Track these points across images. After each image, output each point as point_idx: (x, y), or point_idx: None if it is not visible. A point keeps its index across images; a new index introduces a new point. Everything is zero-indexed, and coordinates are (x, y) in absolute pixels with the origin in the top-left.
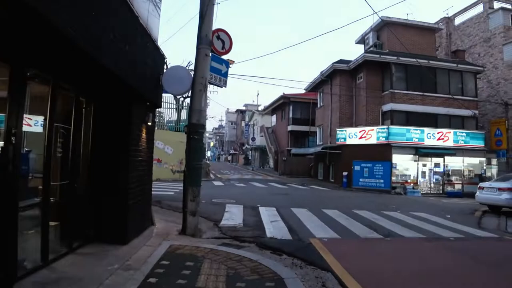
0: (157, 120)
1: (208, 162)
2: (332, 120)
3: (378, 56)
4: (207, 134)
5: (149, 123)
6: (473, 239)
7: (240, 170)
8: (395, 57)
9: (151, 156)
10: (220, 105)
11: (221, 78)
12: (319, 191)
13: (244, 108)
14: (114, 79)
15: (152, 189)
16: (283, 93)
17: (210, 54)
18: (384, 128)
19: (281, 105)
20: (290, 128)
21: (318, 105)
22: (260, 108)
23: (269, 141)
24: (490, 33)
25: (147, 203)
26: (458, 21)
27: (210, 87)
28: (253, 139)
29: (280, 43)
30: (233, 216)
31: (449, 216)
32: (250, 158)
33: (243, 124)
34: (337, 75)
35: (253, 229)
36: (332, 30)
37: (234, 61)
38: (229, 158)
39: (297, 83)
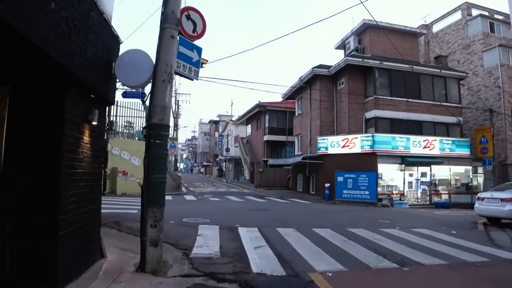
0: (126, 131)
1: (179, 174)
2: (312, 129)
3: (361, 60)
4: (179, 146)
5: (94, 123)
6: (502, 263)
7: (214, 182)
8: (378, 62)
9: (100, 167)
10: (193, 114)
11: (191, 68)
12: (302, 205)
13: (217, 118)
14: (30, 48)
15: (115, 205)
16: (259, 101)
17: (178, 37)
18: (368, 136)
19: (257, 114)
20: (266, 138)
21: (296, 113)
22: (234, 118)
23: (244, 152)
24: (469, 40)
25: (94, 229)
26: (436, 28)
27: (182, 96)
28: (227, 150)
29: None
30: (208, 241)
31: (454, 232)
32: (224, 170)
33: (216, 135)
34: (317, 81)
35: (234, 260)
36: (308, 25)
37: (207, 60)
38: (202, 170)
39: (274, 93)
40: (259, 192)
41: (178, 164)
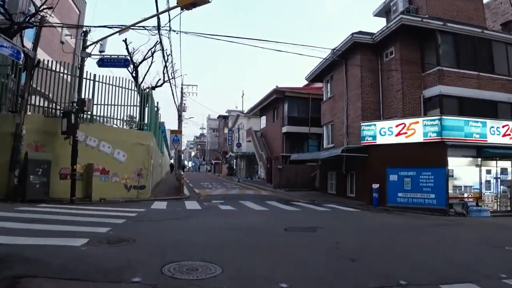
0: (107, 114)
1: (182, 172)
2: (349, 114)
3: (419, 20)
4: (187, 142)
5: None
6: None
7: (224, 182)
8: (441, 23)
9: None
10: (202, 105)
11: None
12: (353, 216)
13: (226, 114)
14: None
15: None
16: (277, 86)
17: None
18: (434, 120)
19: (273, 102)
20: (285, 129)
21: (325, 98)
22: (246, 112)
23: (258, 147)
24: None
25: None
26: None
27: (188, 88)
28: (239, 145)
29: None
30: None
31: None
32: (235, 167)
33: (226, 130)
34: (357, 52)
35: None
36: None
37: None
38: (209, 168)
39: (291, 80)
40: (280, 194)
41: (185, 162)
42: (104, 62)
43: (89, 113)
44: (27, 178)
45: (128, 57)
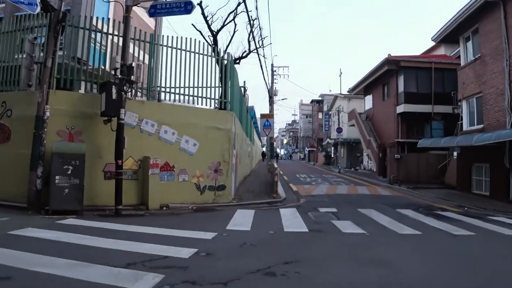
0: (173, 89)
1: (275, 164)
2: None
3: None
4: (276, 128)
5: None
6: None
7: (323, 173)
8: None
9: None
10: (296, 86)
11: None
12: None
13: (320, 98)
14: None
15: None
16: (389, 54)
17: None
18: None
19: (383, 76)
20: (401, 109)
21: (463, 61)
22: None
23: (365, 132)
24: None
25: None
26: None
27: (279, 70)
28: (339, 130)
29: None
30: None
31: None
32: (332, 156)
33: (320, 116)
34: None
35: None
36: None
37: None
38: (302, 156)
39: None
40: (403, 193)
41: (277, 150)
42: (157, 10)
43: (140, 85)
44: (51, 180)
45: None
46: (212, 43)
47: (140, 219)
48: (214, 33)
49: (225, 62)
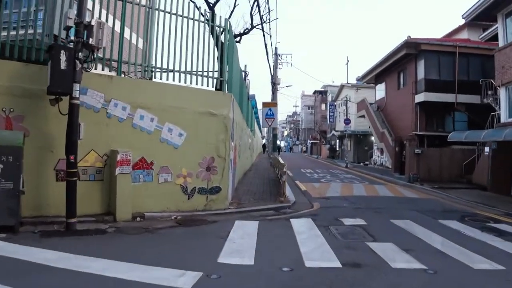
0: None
1: (280, 159)
2: None
3: None
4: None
5: None
6: None
7: (330, 168)
8: None
9: None
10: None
11: None
12: None
13: (322, 89)
14: None
15: None
16: (409, 36)
17: None
18: None
19: (400, 62)
20: (421, 97)
21: (502, 42)
22: (355, 81)
23: (378, 123)
24: None
25: None
26: None
27: (282, 57)
28: (347, 121)
29: None
30: None
31: None
32: (337, 149)
33: (323, 107)
34: None
35: None
36: None
37: None
38: (304, 148)
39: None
40: (428, 194)
41: (279, 142)
42: None
43: (100, 53)
44: None
45: None
46: (210, 16)
47: (98, 240)
48: (211, 4)
49: (221, 30)
